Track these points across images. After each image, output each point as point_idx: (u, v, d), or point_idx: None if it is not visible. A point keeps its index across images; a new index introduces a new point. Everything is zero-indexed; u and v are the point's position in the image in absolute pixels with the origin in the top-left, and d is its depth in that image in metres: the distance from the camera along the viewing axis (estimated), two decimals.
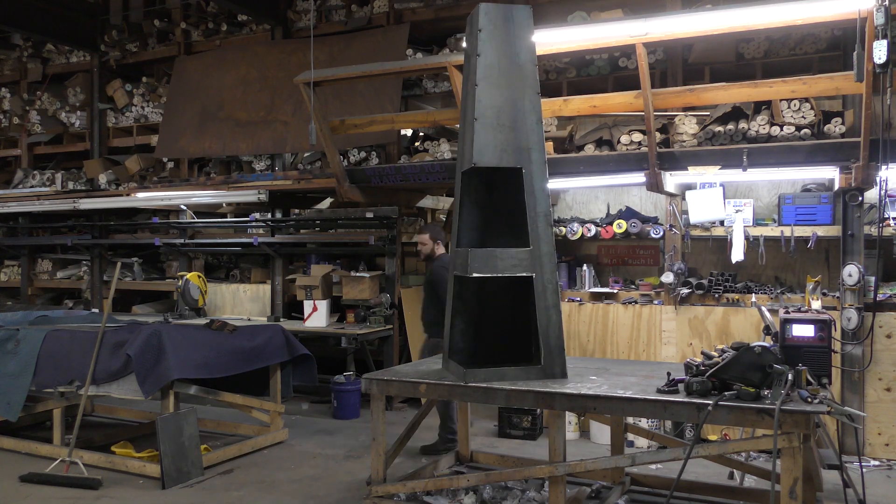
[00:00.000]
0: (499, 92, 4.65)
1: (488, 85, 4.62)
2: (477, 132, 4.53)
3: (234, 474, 5.90)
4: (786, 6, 4.97)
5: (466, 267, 4.49)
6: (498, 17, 4.71)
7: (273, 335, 6.59)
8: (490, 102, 4.60)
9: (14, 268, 11.28)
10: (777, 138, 6.12)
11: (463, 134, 4.81)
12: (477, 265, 4.47)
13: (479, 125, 4.54)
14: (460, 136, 4.90)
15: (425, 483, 4.87)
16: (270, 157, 9.23)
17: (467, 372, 4.47)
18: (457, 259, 4.74)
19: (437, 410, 6.31)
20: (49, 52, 11.12)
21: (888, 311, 6.02)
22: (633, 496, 5.19)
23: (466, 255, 4.52)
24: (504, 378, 4.47)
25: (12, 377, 6.23)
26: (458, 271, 4.67)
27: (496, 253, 4.55)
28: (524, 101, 4.77)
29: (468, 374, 4.47)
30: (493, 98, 4.61)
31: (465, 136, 4.71)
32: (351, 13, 8.73)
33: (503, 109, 4.64)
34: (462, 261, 4.59)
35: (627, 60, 7.33)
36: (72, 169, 10.68)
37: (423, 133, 8.38)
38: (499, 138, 4.58)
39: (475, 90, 4.58)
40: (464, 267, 4.54)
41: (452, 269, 4.84)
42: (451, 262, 4.95)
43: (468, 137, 4.63)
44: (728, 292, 6.55)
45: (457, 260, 4.74)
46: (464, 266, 4.54)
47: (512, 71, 4.72)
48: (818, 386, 3.99)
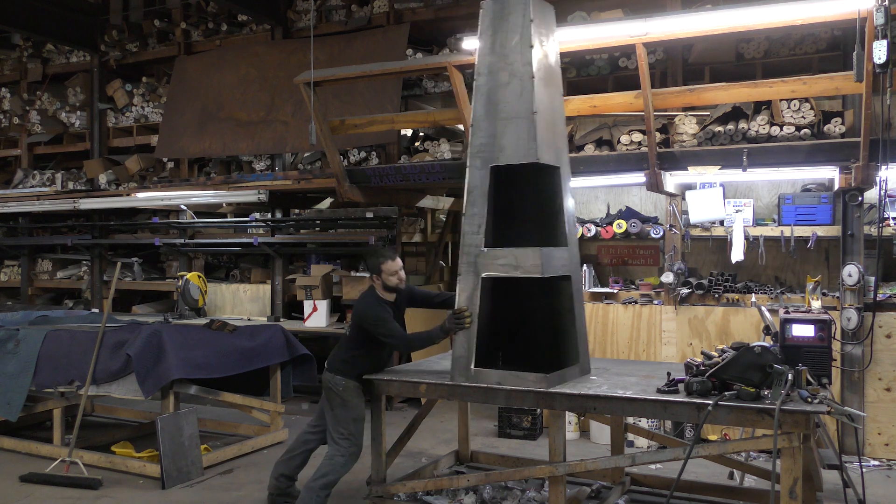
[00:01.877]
0: (545, 89, 4.55)
1: (539, 79, 4.46)
2: (538, 126, 4.36)
3: (234, 474, 5.90)
4: (786, 6, 4.97)
5: (514, 266, 4.31)
6: (539, 10, 4.59)
7: (273, 335, 6.59)
8: (541, 98, 4.47)
9: (14, 268, 11.28)
10: (777, 138, 6.12)
11: (490, 127, 4.54)
12: (528, 265, 4.29)
13: (538, 118, 4.38)
14: (478, 131, 4.59)
15: (425, 483, 4.86)
16: (270, 157, 9.23)
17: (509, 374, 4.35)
18: (483, 258, 4.47)
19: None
20: (49, 52, 11.12)
21: (888, 311, 6.02)
22: (633, 496, 5.19)
23: (512, 254, 4.35)
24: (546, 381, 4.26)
25: (12, 377, 6.23)
26: (495, 271, 4.43)
27: (553, 253, 4.43)
28: (558, 100, 4.75)
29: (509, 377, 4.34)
30: (541, 93, 4.48)
31: (497, 129, 4.49)
32: (351, 13, 8.73)
33: (547, 106, 4.55)
34: (505, 260, 4.38)
35: (627, 60, 7.32)
36: (72, 169, 10.69)
37: (423, 133, 8.38)
38: (546, 135, 4.49)
39: (532, 83, 4.38)
40: (510, 266, 4.35)
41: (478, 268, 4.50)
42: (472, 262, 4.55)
43: (507, 130, 4.44)
44: (728, 292, 6.55)
45: (483, 259, 4.47)
46: (511, 265, 4.35)
47: (552, 68, 4.68)
48: (818, 386, 3.99)
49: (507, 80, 4.49)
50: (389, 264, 4.91)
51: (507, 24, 4.54)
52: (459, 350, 4.53)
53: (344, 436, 4.84)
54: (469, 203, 4.56)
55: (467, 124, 6.41)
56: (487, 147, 4.53)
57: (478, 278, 4.49)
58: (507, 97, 4.49)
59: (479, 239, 4.49)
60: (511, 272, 4.38)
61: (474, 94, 4.65)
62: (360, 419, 4.89)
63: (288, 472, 5.21)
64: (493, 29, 4.60)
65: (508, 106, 4.48)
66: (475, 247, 4.50)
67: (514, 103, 4.46)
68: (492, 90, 4.56)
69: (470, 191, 4.56)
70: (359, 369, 4.87)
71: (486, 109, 4.57)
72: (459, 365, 4.52)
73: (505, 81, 4.51)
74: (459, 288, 4.56)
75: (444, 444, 6.62)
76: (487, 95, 4.58)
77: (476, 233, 4.50)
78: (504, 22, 4.55)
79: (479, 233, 4.48)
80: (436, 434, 6.96)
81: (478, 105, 4.60)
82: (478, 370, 4.46)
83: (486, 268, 4.46)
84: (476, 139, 4.57)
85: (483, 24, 4.65)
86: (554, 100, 4.72)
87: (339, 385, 4.84)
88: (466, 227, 4.55)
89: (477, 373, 4.45)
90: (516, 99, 4.46)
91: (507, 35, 4.53)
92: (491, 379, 4.41)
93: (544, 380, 4.26)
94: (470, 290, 4.52)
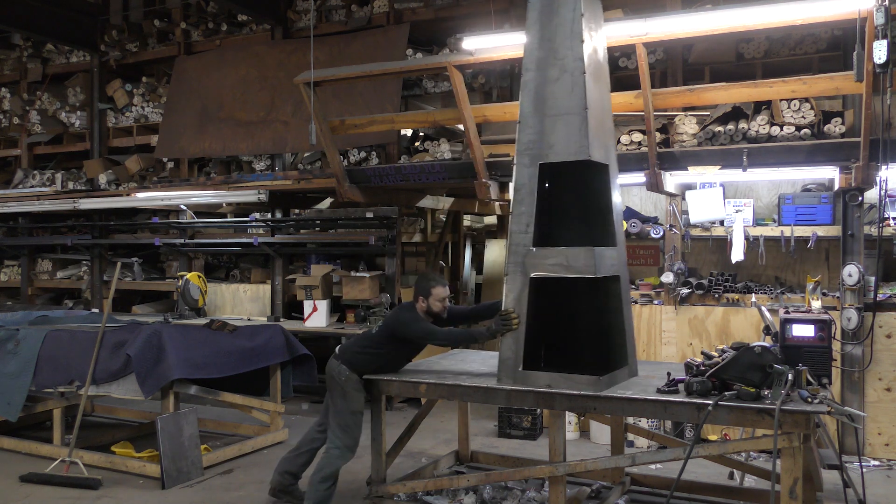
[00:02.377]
0: (595, 85, 4.44)
1: (590, 74, 4.35)
2: (590, 123, 4.26)
3: (234, 474, 5.90)
4: (786, 6, 4.97)
5: (565, 266, 4.22)
6: (589, 4, 4.48)
7: (273, 335, 6.59)
8: (592, 94, 4.35)
9: (14, 268, 11.28)
10: (777, 138, 6.12)
11: (538, 124, 4.41)
12: (580, 265, 4.20)
13: (590, 115, 4.26)
14: (526, 127, 4.45)
15: (425, 483, 4.87)
16: (270, 157, 9.23)
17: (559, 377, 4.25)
18: (532, 258, 4.35)
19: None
20: (49, 52, 11.12)
21: (888, 311, 6.01)
22: (633, 496, 5.19)
23: (562, 254, 4.26)
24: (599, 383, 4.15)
25: (12, 377, 6.23)
26: (545, 271, 4.32)
27: (605, 252, 4.32)
28: (606, 96, 4.64)
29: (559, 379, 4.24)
30: (592, 89, 4.37)
31: (546, 125, 4.38)
32: (351, 13, 8.73)
33: (597, 102, 4.44)
34: (555, 260, 4.28)
35: (627, 60, 7.32)
36: (72, 169, 10.69)
37: (423, 133, 8.38)
38: (596, 132, 4.38)
39: (583, 78, 4.27)
40: (561, 266, 4.25)
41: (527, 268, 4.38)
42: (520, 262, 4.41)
43: (557, 127, 4.33)
44: (728, 292, 6.55)
45: (532, 259, 4.35)
46: (561, 265, 4.25)
47: (600, 63, 4.59)
48: (818, 386, 3.99)
49: (557, 76, 4.37)
50: (440, 290, 4.89)
51: (557, 19, 4.41)
52: (507, 352, 4.39)
53: (341, 426, 4.88)
54: (517, 201, 4.42)
55: (468, 124, 6.44)
56: (535, 144, 4.41)
57: (526, 278, 4.35)
58: (557, 93, 4.36)
59: (527, 238, 4.34)
60: (562, 272, 4.26)
61: (522, 89, 4.50)
62: (357, 412, 4.90)
63: (293, 469, 5.24)
64: (542, 23, 4.47)
65: (558, 102, 4.35)
66: (523, 246, 4.36)
67: (565, 99, 4.34)
68: (540, 86, 4.43)
69: (517, 189, 4.42)
70: (367, 366, 4.88)
71: (534, 105, 4.44)
72: (506, 367, 4.38)
73: (555, 77, 4.38)
74: (507, 288, 4.43)
75: (444, 444, 6.62)
76: (535, 91, 4.44)
77: (524, 232, 4.36)
78: (553, 16, 4.43)
79: (527, 232, 4.35)
80: (436, 434, 6.96)
81: (525, 101, 4.47)
82: (525, 372, 4.33)
83: (535, 268, 4.32)
84: (524, 136, 4.44)
85: (530, 19, 4.51)
86: (603, 96, 4.62)
87: (342, 375, 4.87)
88: (514, 226, 4.40)
89: (525, 375, 4.32)
90: (567, 95, 4.33)
91: (557, 29, 4.40)
92: (540, 381, 4.28)
93: (597, 382, 4.14)
94: (518, 291, 4.38)
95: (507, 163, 6.74)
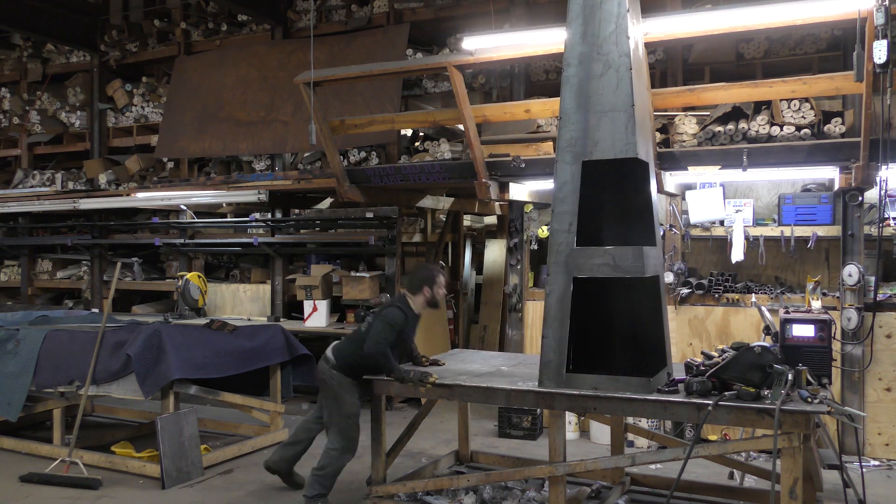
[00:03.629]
0: (638, 82, 4.38)
1: (634, 70, 4.27)
2: (637, 121, 4.20)
3: (234, 474, 5.90)
4: (786, 6, 4.97)
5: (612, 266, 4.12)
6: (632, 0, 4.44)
7: (273, 335, 6.59)
8: (637, 92, 4.29)
9: (14, 268, 11.28)
10: (777, 138, 6.12)
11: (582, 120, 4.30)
12: (628, 265, 4.10)
13: (636, 111, 4.20)
14: (568, 124, 4.34)
15: (425, 483, 4.87)
16: (270, 157, 9.23)
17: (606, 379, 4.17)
18: (576, 258, 4.23)
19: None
20: (49, 52, 11.12)
21: (888, 311, 6.01)
22: (633, 496, 5.19)
23: (609, 253, 4.16)
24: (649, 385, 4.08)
25: (12, 377, 6.23)
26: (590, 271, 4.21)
27: (650, 252, 4.21)
28: (647, 94, 4.59)
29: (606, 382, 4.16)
30: (637, 86, 4.32)
31: (590, 122, 4.27)
32: (351, 13, 8.73)
33: (641, 99, 4.39)
34: (601, 259, 4.18)
35: None
36: (72, 169, 10.68)
37: (423, 133, 8.38)
38: (641, 130, 4.33)
39: (629, 74, 4.19)
40: (608, 266, 4.14)
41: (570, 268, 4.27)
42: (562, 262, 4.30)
43: (602, 124, 4.23)
44: (728, 292, 6.55)
45: (576, 259, 4.23)
46: (608, 265, 4.14)
47: (640, 60, 4.53)
48: (818, 386, 3.99)
49: (602, 72, 4.26)
50: (442, 278, 4.99)
51: (601, 13, 4.31)
52: (549, 354, 4.27)
53: (336, 430, 4.93)
54: (559, 200, 4.31)
55: (468, 124, 6.44)
56: (579, 141, 4.29)
57: (569, 278, 4.23)
58: (602, 89, 4.26)
59: (570, 238, 4.24)
60: (609, 273, 4.15)
61: (563, 85, 4.38)
62: (351, 416, 4.93)
63: (289, 455, 5.41)
64: (585, 17, 4.36)
65: (603, 98, 4.25)
66: (566, 245, 4.25)
67: (610, 96, 4.23)
68: (583, 81, 4.32)
69: (560, 187, 4.31)
70: (358, 368, 4.89)
71: (577, 102, 4.32)
72: (549, 369, 4.26)
73: (599, 72, 4.27)
74: (548, 289, 4.31)
75: (444, 444, 6.62)
76: (578, 87, 4.33)
77: (567, 231, 4.25)
78: (597, 10, 4.33)
79: (570, 231, 4.24)
80: (436, 434, 6.96)
81: (567, 97, 4.35)
82: (571, 375, 4.22)
83: (579, 268, 4.21)
84: (566, 132, 4.32)
85: (573, 12, 4.41)
86: (644, 94, 4.55)
87: (333, 379, 4.91)
88: (556, 224, 4.29)
89: (570, 378, 4.22)
90: (612, 91, 4.23)
91: (601, 24, 4.31)
92: (586, 384, 4.18)
93: (647, 384, 4.07)
94: (561, 292, 4.25)
95: (507, 163, 6.74)
